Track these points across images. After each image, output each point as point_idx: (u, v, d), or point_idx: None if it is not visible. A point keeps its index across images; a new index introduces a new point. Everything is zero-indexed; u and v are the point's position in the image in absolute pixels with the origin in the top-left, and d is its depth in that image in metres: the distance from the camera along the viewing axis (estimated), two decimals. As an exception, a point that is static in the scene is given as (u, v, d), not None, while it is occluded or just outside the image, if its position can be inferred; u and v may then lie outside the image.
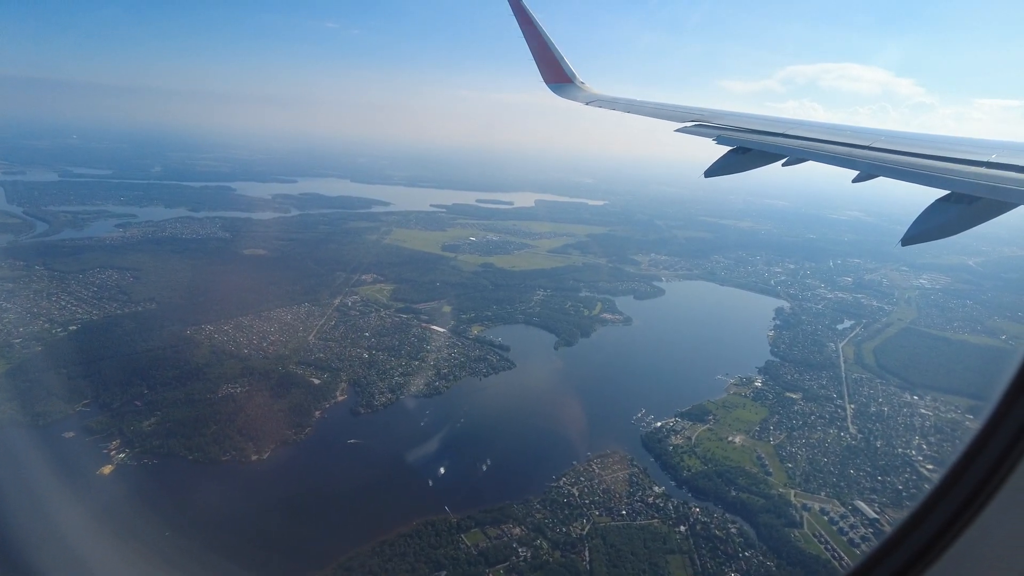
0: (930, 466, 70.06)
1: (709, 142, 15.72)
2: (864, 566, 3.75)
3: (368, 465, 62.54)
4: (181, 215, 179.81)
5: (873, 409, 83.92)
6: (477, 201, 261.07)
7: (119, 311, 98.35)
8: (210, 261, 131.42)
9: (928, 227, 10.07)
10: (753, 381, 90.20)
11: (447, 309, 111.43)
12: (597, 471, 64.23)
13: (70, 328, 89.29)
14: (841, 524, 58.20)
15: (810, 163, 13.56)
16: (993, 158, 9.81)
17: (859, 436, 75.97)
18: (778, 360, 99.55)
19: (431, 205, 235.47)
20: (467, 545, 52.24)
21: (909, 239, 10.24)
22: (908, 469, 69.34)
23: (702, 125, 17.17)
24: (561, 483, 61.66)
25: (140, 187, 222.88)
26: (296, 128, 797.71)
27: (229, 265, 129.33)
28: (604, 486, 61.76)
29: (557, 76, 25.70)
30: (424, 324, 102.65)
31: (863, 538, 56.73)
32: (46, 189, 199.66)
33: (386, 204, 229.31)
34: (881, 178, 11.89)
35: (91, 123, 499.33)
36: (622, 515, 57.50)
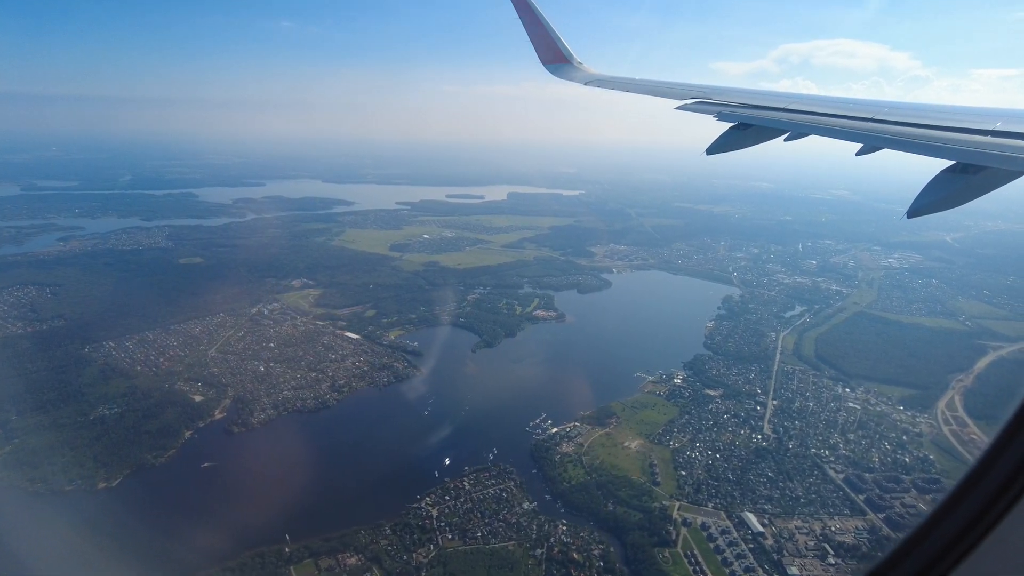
0: (839, 467, 64.74)
1: (710, 126, 15.13)
2: (885, 564, 3.65)
3: (217, 490, 58.49)
4: (132, 225, 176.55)
5: (797, 405, 78.47)
6: (447, 197, 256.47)
7: (21, 331, 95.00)
8: (139, 273, 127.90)
9: (933, 198, 9.78)
10: (674, 378, 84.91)
11: (370, 314, 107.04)
12: (467, 487, 59.64)
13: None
14: (719, 541, 53.11)
15: (811, 140, 13.38)
16: (998, 126, 9.54)
17: (772, 436, 70.65)
18: (709, 353, 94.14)
19: (396, 203, 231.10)
20: (292, 580, 47.97)
21: (914, 211, 9.90)
22: (816, 473, 63.97)
23: (703, 102, 16.47)
24: (423, 503, 57.16)
25: (101, 198, 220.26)
26: (280, 131, 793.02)
27: (157, 276, 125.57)
28: (469, 505, 57.19)
29: (554, 56, 25.27)
30: (339, 331, 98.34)
31: (738, 556, 51.64)
32: (1, 204, 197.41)
33: (349, 204, 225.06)
34: (883, 152, 11.72)
35: (72, 135, 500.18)
36: (476, 538, 52.90)
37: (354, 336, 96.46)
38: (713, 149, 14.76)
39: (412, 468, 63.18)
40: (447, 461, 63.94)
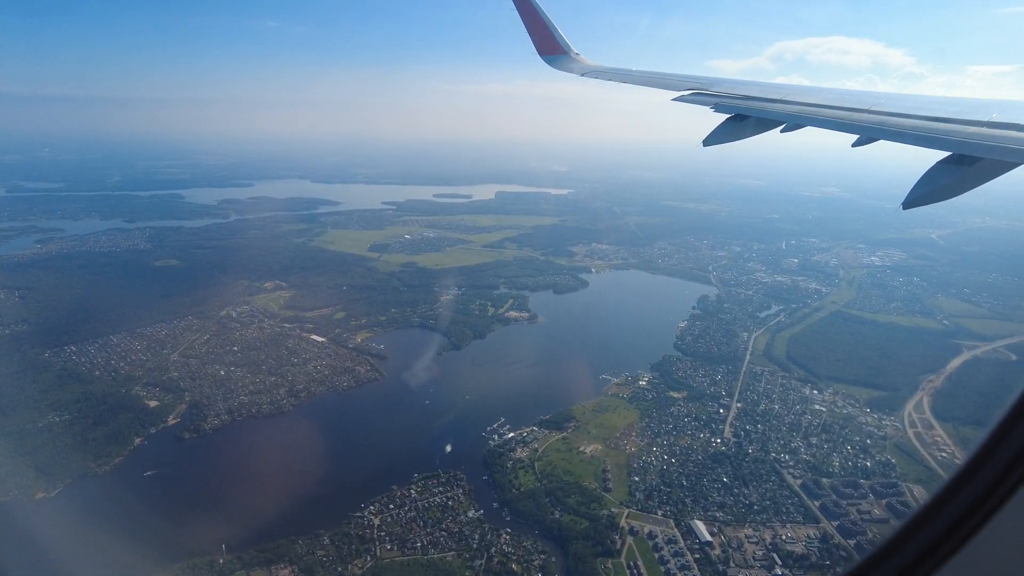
0: (797, 472, 63.47)
1: (705, 123, 15.18)
2: (867, 563, 3.61)
3: (157, 500, 57.37)
4: (113, 227, 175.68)
5: (762, 407, 77.17)
6: (435, 196, 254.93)
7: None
8: (113, 275, 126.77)
9: (929, 189, 9.78)
10: (639, 380, 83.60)
11: (339, 316, 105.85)
12: (414, 495, 58.49)
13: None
14: (664, 551, 51.87)
15: (807, 134, 13.50)
16: (994, 117, 9.53)
17: (732, 440, 69.39)
18: (678, 354, 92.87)
19: (382, 202, 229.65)
20: (220, 593, 46.87)
21: (909, 203, 9.93)
22: (773, 478, 62.67)
23: (699, 93, 16.49)
24: (366, 512, 56.02)
25: (86, 199, 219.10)
26: (275, 130, 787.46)
27: (130, 279, 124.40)
28: (413, 513, 56.03)
29: (551, 48, 25.29)
30: (305, 334, 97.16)
31: (683, 567, 50.42)
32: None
33: (335, 204, 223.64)
34: (878, 145, 11.89)
35: (66, 135, 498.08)
36: (415, 548, 51.75)
37: (319, 339, 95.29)
38: (710, 140, 14.69)
39: (360, 475, 61.88)
40: (397, 468, 62.74)
